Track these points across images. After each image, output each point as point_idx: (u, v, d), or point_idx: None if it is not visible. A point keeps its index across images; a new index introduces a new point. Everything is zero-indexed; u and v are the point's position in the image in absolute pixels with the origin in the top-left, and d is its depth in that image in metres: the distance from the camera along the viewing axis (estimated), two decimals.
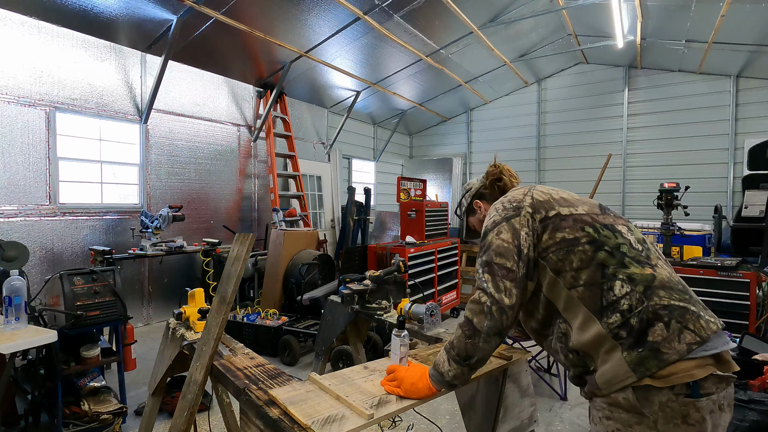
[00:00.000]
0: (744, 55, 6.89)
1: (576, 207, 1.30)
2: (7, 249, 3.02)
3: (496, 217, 1.33)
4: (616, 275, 1.15)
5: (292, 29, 5.71)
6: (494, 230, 1.29)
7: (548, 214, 1.28)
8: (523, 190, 1.41)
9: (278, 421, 1.17)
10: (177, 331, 1.98)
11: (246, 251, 1.62)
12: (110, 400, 2.83)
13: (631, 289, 1.12)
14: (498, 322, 1.21)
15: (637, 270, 1.15)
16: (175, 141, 5.93)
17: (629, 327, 1.08)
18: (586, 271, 1.18)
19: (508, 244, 1.25)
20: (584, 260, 1.19)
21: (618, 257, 1.18)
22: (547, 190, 1.38)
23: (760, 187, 4.12)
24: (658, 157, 8.42)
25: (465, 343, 1.24)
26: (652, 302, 1.09)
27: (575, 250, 1.20)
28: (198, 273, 5.95)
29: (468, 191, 1.73)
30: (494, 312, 1.21)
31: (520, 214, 1.29)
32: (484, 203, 1.65)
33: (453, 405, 3.18)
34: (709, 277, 3.93)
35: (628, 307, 1.10)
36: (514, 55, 8.23)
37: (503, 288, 1.22)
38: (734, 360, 3.29)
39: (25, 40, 4.47)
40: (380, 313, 2.41)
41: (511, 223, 1.28)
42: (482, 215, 1.64)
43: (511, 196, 1.39)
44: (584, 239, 1.22)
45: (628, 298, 1.11)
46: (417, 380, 1.32)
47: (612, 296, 1.13)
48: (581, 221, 1.26)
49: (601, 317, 1.13)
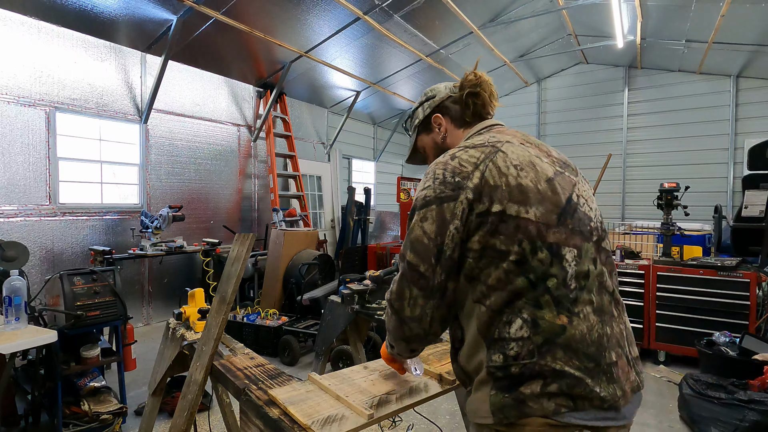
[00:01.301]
0: (744, 55, 6.89)
1: (528, 206, 0.98)
2: (7, 249, 3.02)
3: (429, 191, 1.03)
4: (522, 312, 0.95)
5: (292, 29, 5.71)
6: (421, 211, 1.03)
7: (491, 208, 0.98)
8: (478, 153, 1.05)
9: (278, 421, 1.17)
10: (177, 331, 1.98)
11: (246, 251, 1.62)
12: (110, 400, 2.83)
13: (528, 336, 0.94)
14: (398, 332, 1.08)
15: (548, 316, 0.95)
16: (175, 141, 5.93)
17: (507, 372, 0.94)
18: (498, 294, 0.97)
19: (429, 241, 1.01)
20: (501, 281, 0.97)
21: (538, 292, 0.96)
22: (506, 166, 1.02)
23: (760, 187, 4.12)
24: (658, 157, 8.42)
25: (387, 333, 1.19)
26: (542, 361, 0.92)
27: (498, 265, 0.97)
28: (198, 273, 5.95)
29: (429, 99, 1.30)
30: (393, 321, 1.08)
31: (457, 199, 0.99)
32: (447, 121, 1.26)
33: (453, 405, 3.18)
34: (709, 277, 3.93)
35: (515, 354, 0.94)
36: (514, 55, 8.23)
37: (408, 296, 1.03)
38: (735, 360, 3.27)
39: (25, 40, 4.47)
40: (380, 313, 2.41)
41: (442, 210, 1.00)
42: (440, 138, 1.27)
43: (460, 159, 1.05)
44: (513, 257, 0.96)
45: (520, 345, 0.94)
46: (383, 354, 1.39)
47: (505, 333, 0.95)
48: (523, 231, 0.97)
49: (489, 347, 0.98)
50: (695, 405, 2.90)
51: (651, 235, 5.53)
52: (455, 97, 1.25)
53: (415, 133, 1.33)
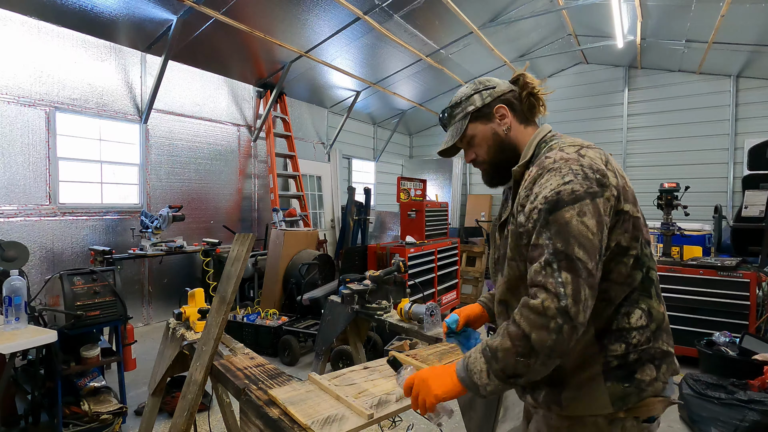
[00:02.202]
0: (744, 55, 6.89)
1: (637, 206, 1.08)
2: (7, 249, 3.02)
3: (575, 185, 0.97)
4: (639, 303, 1.04)
5: (292, 29, 5.71)
6: (575, 207, 0.95)
7: (623, 207, 1.03)
8: (599, 154, 1.07)
9: (278, 421, 1.17)
10: (177, 331, 1.98)
11: (246, 251, 1.62)
12: (110, 400, 2.83)
13: (647, 324, 1.04)
14: (566, 344, 0.93)
15: (656, 304, 1.07)
16: (175, 141, 5.93)
17: (625, 360, 1.02)
18: (618, 288, 1.03)
19: (593, 236, 0.95)
20: (623, 275, 1.03)
21: (647, 284, 1.06)
22: (619, 170, 1.09)
23: (760, 187, 4.12)
24: (658, 157, 8.41)
25: (516, 361, 0.95)
26: (656, 344, 1.05)
27: (621, 260, 1.03)
28: (198, 273, 5.95)
29: (489, 88, 1.22)
30: (564, 332, 0.91)
31: (604, 195, 0.99)
32: (511, 113, 1.20)
33: (453, 405, 3.18)
34: (709, 277, 3.93)
35: (637, 342, 1.03)
36: (514, 55, 8.22)
37: (583, 297, 0.92)
38: (735, 360, 3.29)
39: (25, 40, 4.47)
40: (380, 313, 2.41)
41: (597, 204, 0.97)
42: (503, 130, 1.20)
43: (590, 157, 1.04)
44: (633, 251, 1.04)
45: (641, 333, 1.03)
46: (440, 374, 1.08)
47: (625, 323, 1.03)
48: (639, 229, 1.06)
49: (601, 338, 1.03)
50: (695, 405, 2.90)
51: (651, 235, 5.53)
52: (516, 94, 1.22)
53: (466, 120, 1.22)
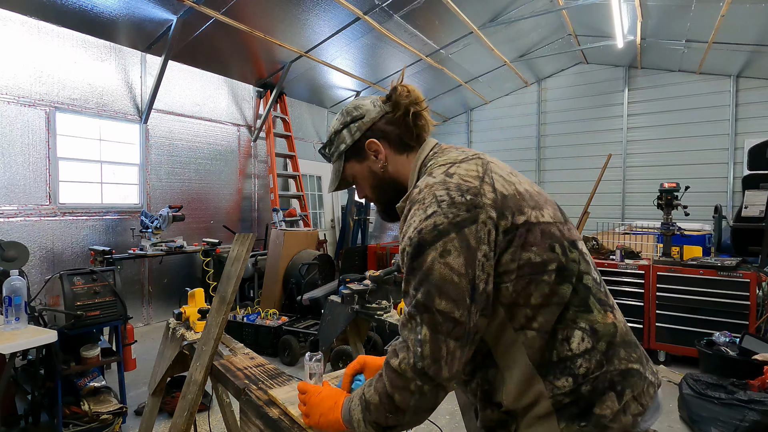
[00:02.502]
0: (744, 55, 6.89)
1: (542, 209, 0.92)
2: (7, 249, 3.02)
3: (438, 218, 0.84)
4: (577, 322, 0.87)
5: (292, 29, 5.71)
6: (437, 246, 0.83)
7: (516, 221, 0.87)
8: (473, 166, 0.93)
9: (278, 421, 1.17)
10: (177, 331, 1.98)
11: (246, 251, 1.61)
12: (110, 400, 2.83)
13: (592, 346, 0.86)
14: (430, 402, 0.86)
15: (599, 317, 0.88)
16: (175, 141, 5.93)
17: (577, 395, 0.84)
18: (546, 312, 0.86)
19: (459, 278, 0.82)
20: (546, 295, 0.86)
21: (582, 294, 0.89)
22: (507, 174, 0.95)
23: (760, 187, 4.12)
24: (658, 157, 8.41)
25: (386, 416, 0.88)
26: (612, 367, 0.86)
27: (540, 279, 0.86)
28: (198, 273, 5.95)
29: (356, 119, 1.07)
30: (426, 392, 0.84)
31: (478, 219, 0.84)
32: (384, 146, 1.06)
33: (453, 405, 3.18)
34: (709, 277, 3.93)
35: (585, 370, 0.84)
36: (514, 55, 8.22)
37: (445, 353, 0.82)
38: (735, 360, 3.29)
39: (25, 40, 4.46)
40: (380, 313, 2.41)
41: (464, 236, 0.83)
42: (379, 167, 1.07)
43: (459, 175, 0.90)
44: (552, 264, 0.87)
45: (587, 358, 0.85)
46: (327, 411, 1.01)
47: (566, 351, 0.85)
48: (550, 235, 0.89)
49: (546, 375, 0.86)
50: (695, 405, 2.90)
51: (651, 235, 5.52)
52: (390, 117, 1.07)
53: (341, 160, 1.10)
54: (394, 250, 5.52)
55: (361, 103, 1.11)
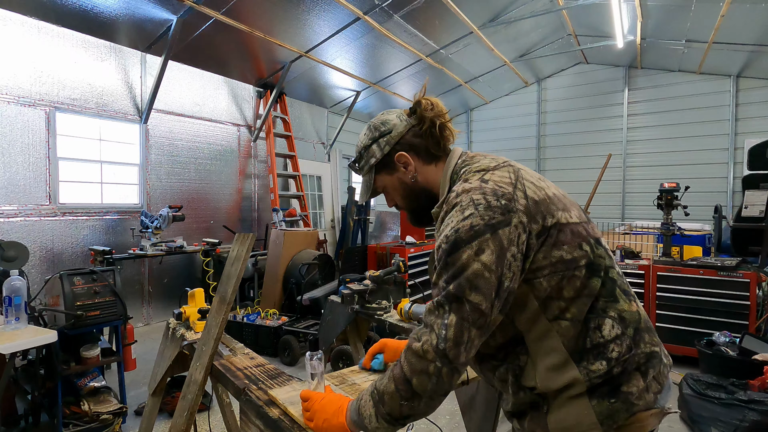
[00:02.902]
0: (744, 55, 6.89)
1: (569, 211, 1.01)
2: (7, 249, 3.02)
3: (474, 219, 0.92)
4: (607, 311, 0.96)
5: (292, 29, 5.71)
6: (473, 245, 0.90)
7: (546, 224, 0.95)
8: (506, 174, 1.01)
9: (278, 421, 1.17)
10: (177, 331, 1.98)
11: (246, 251, 1.61)
12: (110, 400, 2.83)
13: (622, 331, 0.95)
14: (447, 385, 0.92)
15: (626, 306, 0.98)
16: (175, 141, 5.93)
17: (609, 376, 0.93)
18: (578, 303, 0.95)
19: (490, 274, 0.89)
20: (578, 289, 0.95)
21: (609, 287, 0.98)
22: (537, 180, 1.04)
23: (760, 187, 4.11)
24: (658, 157, 8.42)
25: (400, 405, 0.93)
26: (639, 350, 0.96)
27: (571, 275, 0.95)
28: (198, 273, 5.95)
29: (384, 133, 1.13)
30: (443, 375, 0.90)
31: (511, 223, 0.92)
32: (413, 158, 1.12)
33: (453, 405, 3.17)
34: (709, 277, 3.93)
35: (618, 354, 0.93)
36: (514, 55, 8.23)
37: (466, 339, 0.89)
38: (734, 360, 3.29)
39: (25, 40, 4.46)
40: (380, 313, 2.41)
41: (498, 237, 0.90)
42: (409, 178, 1.14)
43: (494, 181, 0.98)
44: (582, 260, 0.96)
45: (619, 343, 0.94)
46: (331, 416, 1.03)
47: (599, 338, 0.94)
48: (578, 235, 0.98)
49: (580, 360, 0.94)
50: (695, 405, 2.90)
51: (651, 235, 5.53)
52: (416, 130, 1.12)
53: (372, 173, 1.17)
54: (394, 250, 5.52)
55: (387, 117, 1.15)
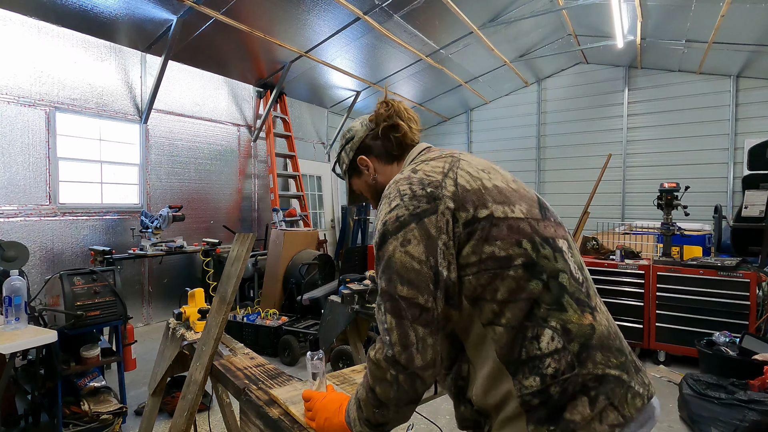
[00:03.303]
0: (744, 55, 6.89)
1: (512, 205, 0.93)
2: (7, 249, 3.01)
3: (399, 210, 0.89)
4: (548, 320, 0.84)
5: (292, 29, 5.71)
6: (398, 236, 0.87)
7: (477, 214, 0.89)
8: (441, 163, 0.97)
9: (278, 421, 1.17)
10: (177, 331, 1.98)
11: (246, 251, 1.61)
12: (110, 400, 2.83)
13: (563, 345, 0.83)
14: (410, 393, 0.87)
15: (574, 317, 0.86)
16: (175, 141, 5.93)
17: (546, 396, 0.81)
18: (512, 307, 0.85)
19: (420, 265, 0.85)
20: (513, 291, 0.85)
21: (555, 292, 0.87)
22: (475, 170, 0.97)
23: (760, 187, 4.11)
24: (658, 157, 8.41)
25: (373, 412, 0.91)
26: (584, 370, 0.83)
27: (505, 274, 0.86)
28: (198, 273, 5.95)
29: (349, 140, 1.21)
30: (402, 382, 0.85)
31: (438, 210, 0.88)
32: (372, 160, 1.17)
33: (453, 405, 3.17)
34: (709, 277, 3.93)
35: (554, 371, 0.82)
36: (514, 55, 8.22)
37: (414, 339, 0.84)
38: (734, 360, 3.28)
39: (25, 40, 4.46)
40: None
41: (424, 226, 0.87)
42: (371, 178, 1.17)
43: (424, 171, 0.95)
44: (519, 259, 0.87)
45: (557, 358, 0.82)
46: (332, 415, 1.03)
47: (535, 349, 0.83)
48: (518, 231, 0.89)
49: (515, 373, 0.84)
50: (695, 405, 2.90)
51: (651, 235, 5.52)
52: (374, 133, 1.16)
53: (347, 178, 1.25)
54: None
55: (352, 125, 1.24)
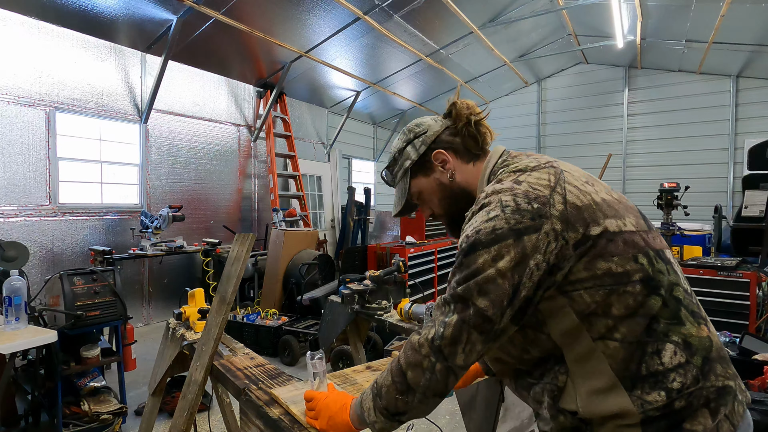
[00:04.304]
0: (744, 55, 6.89)
1: (623, 218, 0.88)
2: (7, 249, 3.02)
3: (498, 222, 0.84)
4: (669, 335, 0.82)
5: (292, 29, 5.71)
6: (492, 250, 0.84)
7: (590, 232, 0.84)
8: (545, 175, 0.90)
9: (278, 421, 1.17)
10: (177, 331, 1.98)
11: (246, 251, 1.61)
12: (110, 400, 2.83)
13: (686, 360, 0.81)
14: (440, 384, 0.88)
15: (693, 330, 0.83)
16: (175, 141, 5.93)
17: (669, 410, 0.79)
18: (630, 323, 0.82)
19: (503, 281, 0.83)
20: (631, 307, 0.82)
21: (672, 307, 0.84)
22: (581, 183, 0.90)
23: (760, 187, 4.11)
24: (658, 157, 8.42)
25: (396, 399, 0.91)
26: (708, 383, 0.81)
27: (622, 290, 0.82)
28: (198, 273, 5.95)
29: (419, 134, 1.10)
30: (437, 372, 0.86)
31: (541, 229, 0.83)
32: (452, 156, 1.08)
33: (453, 405, 3.18)
34: (709, 277, 3.93)
35: (680, 385, 0.79)
36: (514, 55, 8.23)
37: (464, 340, 0.84)
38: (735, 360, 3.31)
39: (25, 40, 4.46)
40: (380, 313, 2.41)
41: (522, 244, 0.82)
42: (447, 177, 1.08)
43: (528, 183, 0.89)
44: (637, 275, 0.83)
45: (682, 373, 0.80)
46: (335, 414, 1.03)
47: (657, 365, 0.81)
48: (633, 245, 0.85)
49: (632, 388, 0.81)
50: None
51: None
52: (453, 130, 1.09)
53: (407, 177, 1.11)
54: (394, 250, 5.52)
55: (421, 120, 1.14)
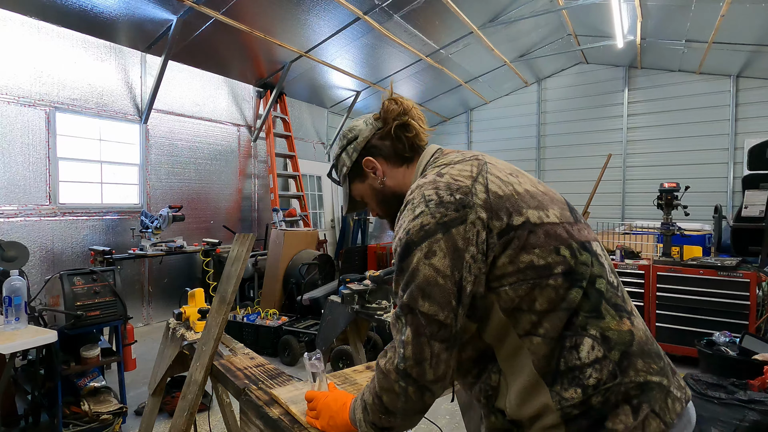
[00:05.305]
0: (744, 55, 6.89)
1: (546, 209, 0.88)
2: (7, 249, 3.02)
3: (425, 218, 0.83)
4: (587, 329, 0.80)
5: (292, 29, 5.71)
6: (423, 247, 0.82)
7: (512, 222, 0.83)
8: (468, 167, 0.91)
9: (278, 421, 1.17)
10: (177, 331, 1.98)
11: (246, 251, 1.61)
12: (110, 400, 2.83)
13: (604, 354, 0.80)
14: (418, 404, 0.86)
15: (613, 323, 0.82)
16: (175, 141, 5.93)
17: (587, 407, 0.78)
18: (552, 317, 0.81)
19: (444, 280, 0.81)
20: (552, 301, 0.81)
21: (593, 299, 0.83)
22: (504, 174, 0.91)
23: (760, 187, 4.11)
24: (658, 157, 8.41)
25: (380, 417, 0.90)
26: (627, 379, 0.79)
27: (544, 284, 0.81)
28: (198, 273, 5.95)
29: (351, 140, 1.11)
30: (411, 394, 0.84)
31: (467, 220, 0.82)
32: (380, 162, 1.08)
33: (453, 405, 3.17)
34: (709, 277, 3.93)
35: (596, 381, 0.78)
36: (514, 55, 8.22)
37: (429, 355, 0.81)
38: (734, 360, 3.28)
39: (25, 40, 4.46)
40: (380, 313, 2.42)
41: (451, 237, 0.81)
42: (378, 183, 1.08)
43: (450, 174, 0.89)
44: (558, 268, 0.82)
45: (598, 368, 0.79)
46: (336, 413, 1.02)
47: (575, 359, 0.79)
48: (555, 237, 0.85)
49: (552, 384, 0.80)
50: (695, 405, 2.89)
51: (651, 235, 5.52)
52: (382, 133, 1.08)
53: (347, 182, 1.13)
54: None
55: (354, 124, 1.14)
